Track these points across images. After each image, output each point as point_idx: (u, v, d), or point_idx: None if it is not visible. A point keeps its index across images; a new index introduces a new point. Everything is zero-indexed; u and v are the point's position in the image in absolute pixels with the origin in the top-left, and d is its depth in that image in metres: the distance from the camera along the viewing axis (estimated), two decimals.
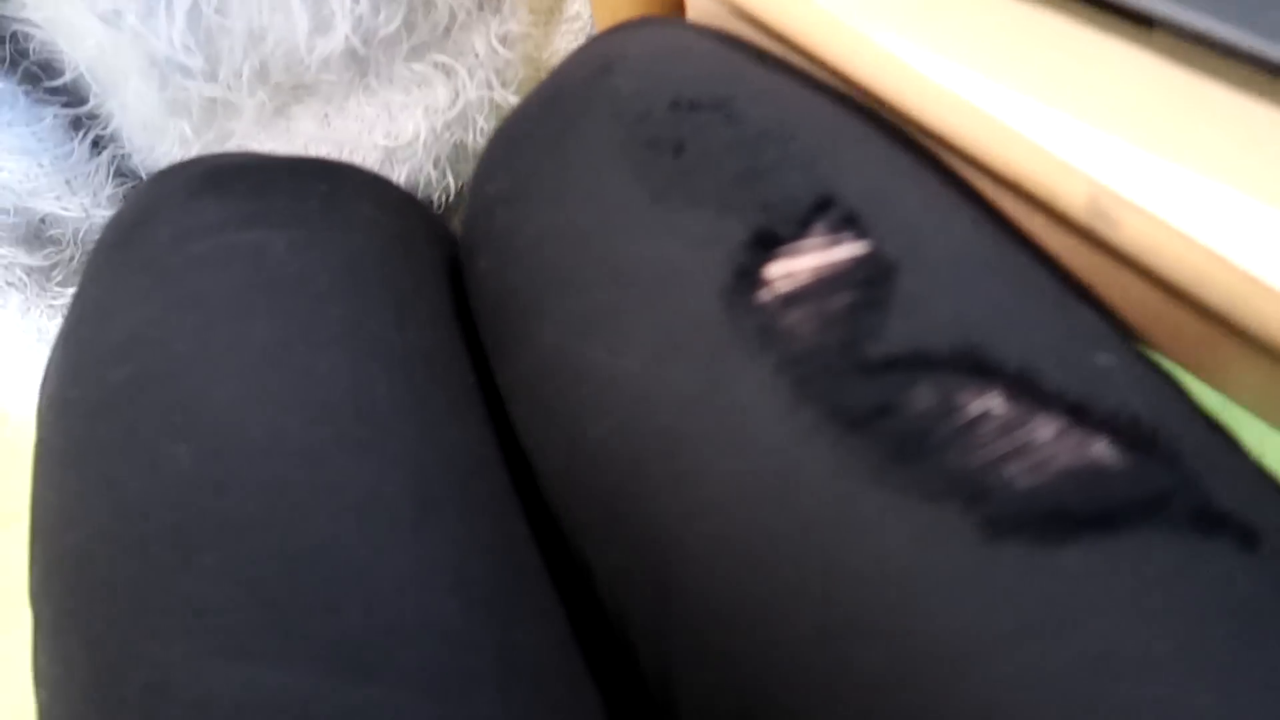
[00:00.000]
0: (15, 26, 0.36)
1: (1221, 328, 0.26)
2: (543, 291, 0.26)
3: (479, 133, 0.42)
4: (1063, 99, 0.23)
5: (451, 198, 0.43)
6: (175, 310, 0.27)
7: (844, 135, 0.24)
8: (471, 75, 0.41)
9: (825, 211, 0.23)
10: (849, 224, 0.23)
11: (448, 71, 0.40)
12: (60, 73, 0.37)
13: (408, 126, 0.41)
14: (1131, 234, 0.22)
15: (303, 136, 0.40)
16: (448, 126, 0.41)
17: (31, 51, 0.37)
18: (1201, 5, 0.20)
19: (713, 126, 0.24)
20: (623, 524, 0.24)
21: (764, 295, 0.22)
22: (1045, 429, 0.21)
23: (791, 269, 0.22)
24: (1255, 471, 0.22)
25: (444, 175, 0.42)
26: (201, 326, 0.27)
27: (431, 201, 0.43)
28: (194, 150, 0.40)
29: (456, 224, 0.42)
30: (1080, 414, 0.21)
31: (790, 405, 0.21)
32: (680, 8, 0.37)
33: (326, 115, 0.40)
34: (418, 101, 0.41)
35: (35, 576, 0.27)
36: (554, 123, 0.27)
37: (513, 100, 0.43)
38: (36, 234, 0.40)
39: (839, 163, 0.24)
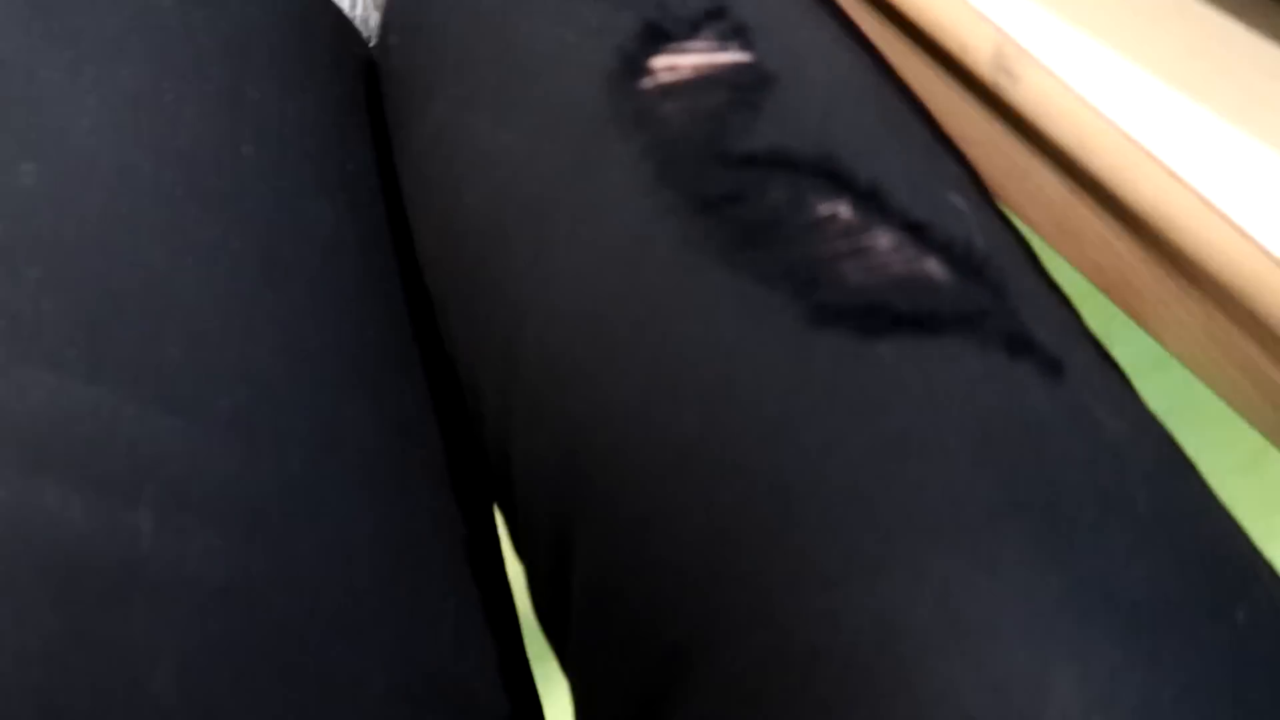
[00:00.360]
0: None
1: (1091, 203, 0.27)
2: (440, 68, 0.26)
3: None
4: None
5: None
6: (49, 41, 0.27)
7: None
8: None
9: (717, 19, 0.24)
10: (737, 34, 0.23)
11: None
12: None
13: None
14: (1028, 91, 0.23)
15: None
16: None
17: None
18: None
19: None
20: (485, 292, 0.24)
21: (645, 83, 0.23)
22: (884, 239, 0.21)
23: (675, 63, 0.23)
24: (1076, 325, 0.23)
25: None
26: (74, 60, 0.27)
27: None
28: None
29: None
30: (919, 232, 0.21)
31: (651, 185, 0.22)
32: None
33: None
34: None
35: None
36: None
37: None
38: None
39: None
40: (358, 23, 0.40)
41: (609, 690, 0.23)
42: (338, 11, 0.33)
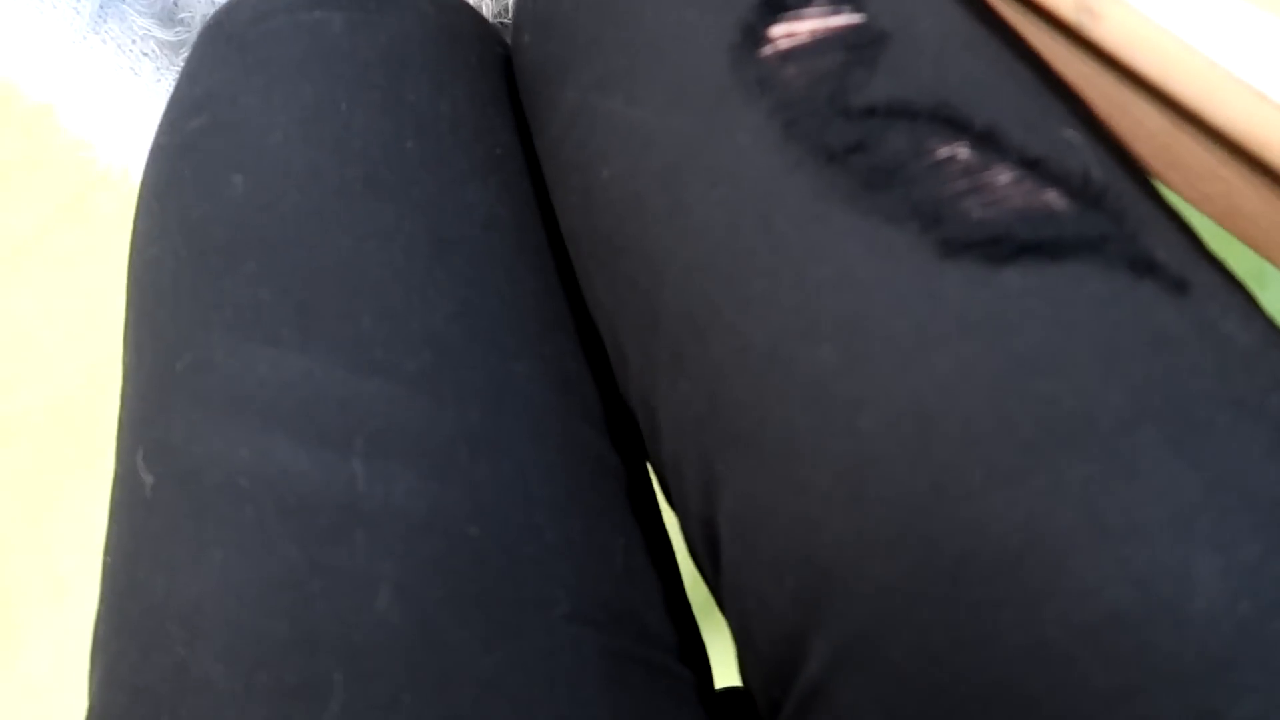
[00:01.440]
0: None
1: (1191, 132, 0.28)
2: (572, 56, 0.29)
3: None
4: None
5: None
6: (245, 72, 0.32)
7: None
8: None
9: None
10: None
11: None
12: None
13: None
14: (1111, 27, 0.25)
15: None
16: None
17: None
18: None
19: None
20: (624, 257, 0.27)
21: (766, 51, 0.25)
22: (1003, 175, 0.23)
23: (793, 30, 0.25)
24: (1198, 246, 0.24)
25: None
26: (264, 85, 0.31)
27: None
28: None
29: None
30: (1037, 167, 0.23)
31: (778, 143, 0.24)
32: None
33: None
34: None
35: (126, 286, 0.32)
36: None
37: None
38: (170, 13, 0.45)
39: None
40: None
41: (762, 621, 0.25)
42: (478, 16, 0.36)
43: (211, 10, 0.44)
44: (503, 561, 0.26)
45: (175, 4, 0.45)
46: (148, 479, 0.27)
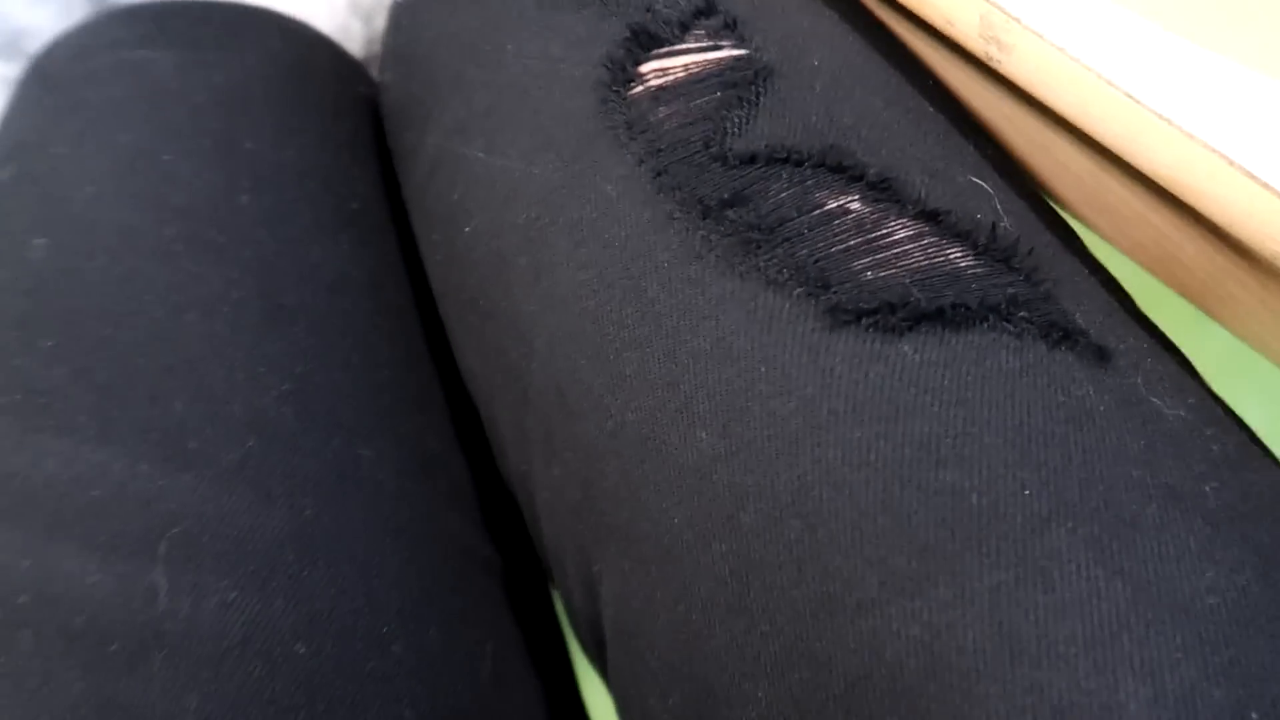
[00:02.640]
0: None
1: (1118, 175, 0.26)
2: (433, 97, 0.26)
3: None
4: None
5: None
6: (57, 117, 0.28)
7: None
8: None
9: (706, 17, 0.23)
10: (728, 29, 0.22)
11: None
12: None
13: None
14: (1022, 60, 0.22)
15: None
16: None
17: None
18: None
19: None
20: (491, 323, 0.24)
21: (636, 89, 0.22)
22: (900, 230, 0.20)
23: (666, 66, 0.22)
24: (1124, 307, 0.22)
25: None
26: (77, 132, 0.28)
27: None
28: None
29: None
30: (939, 220, 0.20)
31: (649, 195, 0.21)
32: None
33: None
34: None
35: None
36: None
37: None
38: (15, 45, 0.41)
39: None
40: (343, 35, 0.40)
41: None
42: (337, 51, 0.33)
43: None
44: (337, 684, 0.22)
45: (19, 33, 0.42)
46: None
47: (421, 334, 0.29)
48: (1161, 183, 0.21)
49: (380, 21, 0.43)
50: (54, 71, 0.29)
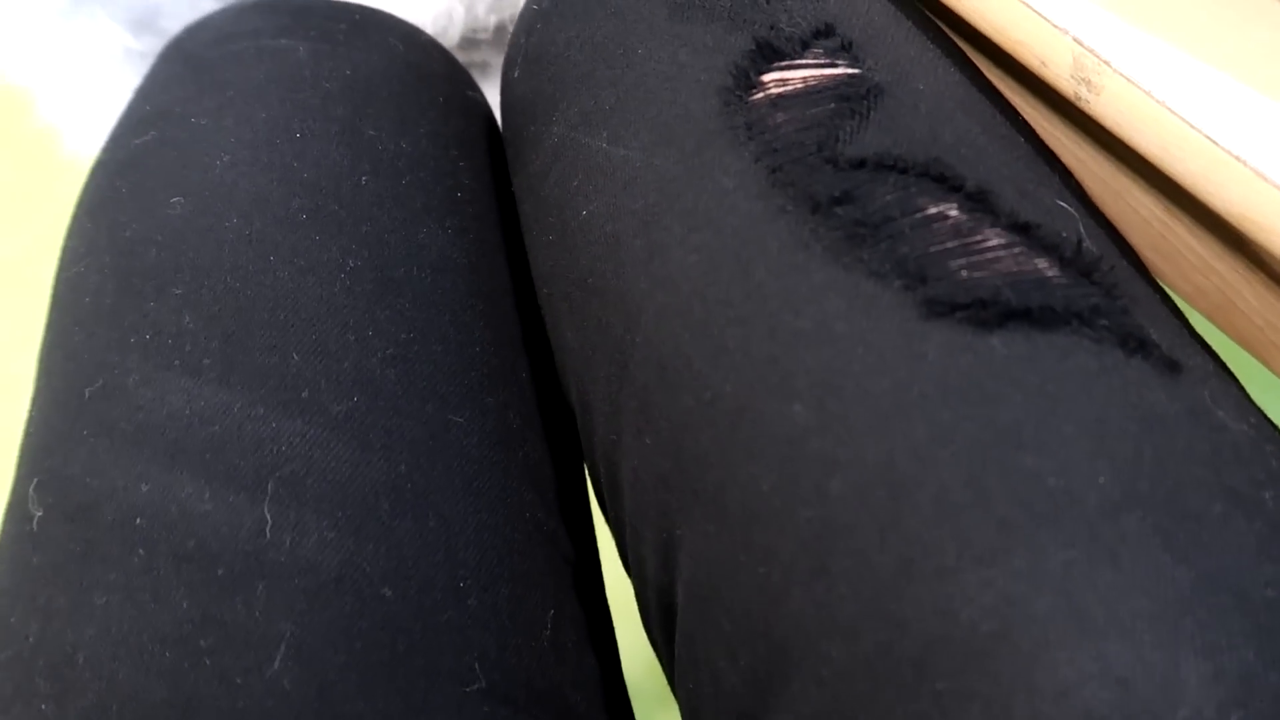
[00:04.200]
0: None
1: (1187, 221, 0.27)
2: (561, 92, 0.28)
3: None
4: None
5: (490, 35, 0.46)
6: (200, 93, 0.30)
7: None
8: None
9: (826, 37, 0.25)
10: (844, 50, 0.24)
11: None
12: None
13: None
14: (1110, 101, 0.24)
15: None
16: None
17: None
18: None
19: None
20: (597, 299, 0.25)
21: (757, 96, 0.24)
22: (994, 238, 0.22)
23: (786, 77, 0.24)
24: (1190, 331, 0.23)
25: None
26: (219, 106, 0.30)
27: (476, 39, 0.46)
28: None
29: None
30: (1029, 232, 0.22)
31: (762, 190, 0.23)
32: None
33: None
34: None
35: (48, 307, 0.30)
36: None
37: None
38: (148, 22, 0.43)
39: (848, 5, 0.26)
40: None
41: (712, 700, 0.23)
42: (449, 57, 0.35)
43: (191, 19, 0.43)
44: (416, 628, 0.24)
45: (155, 12, 0.44)
46: (36, 512, 0.24)
47: (514, 318, 0.31)
48: (1233, 221, 0.23)
49: (480, 9, 0.45)
50: (197, 52, 0.32)
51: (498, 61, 0.49)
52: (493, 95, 0.49)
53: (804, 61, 0.24)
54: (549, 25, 0.29)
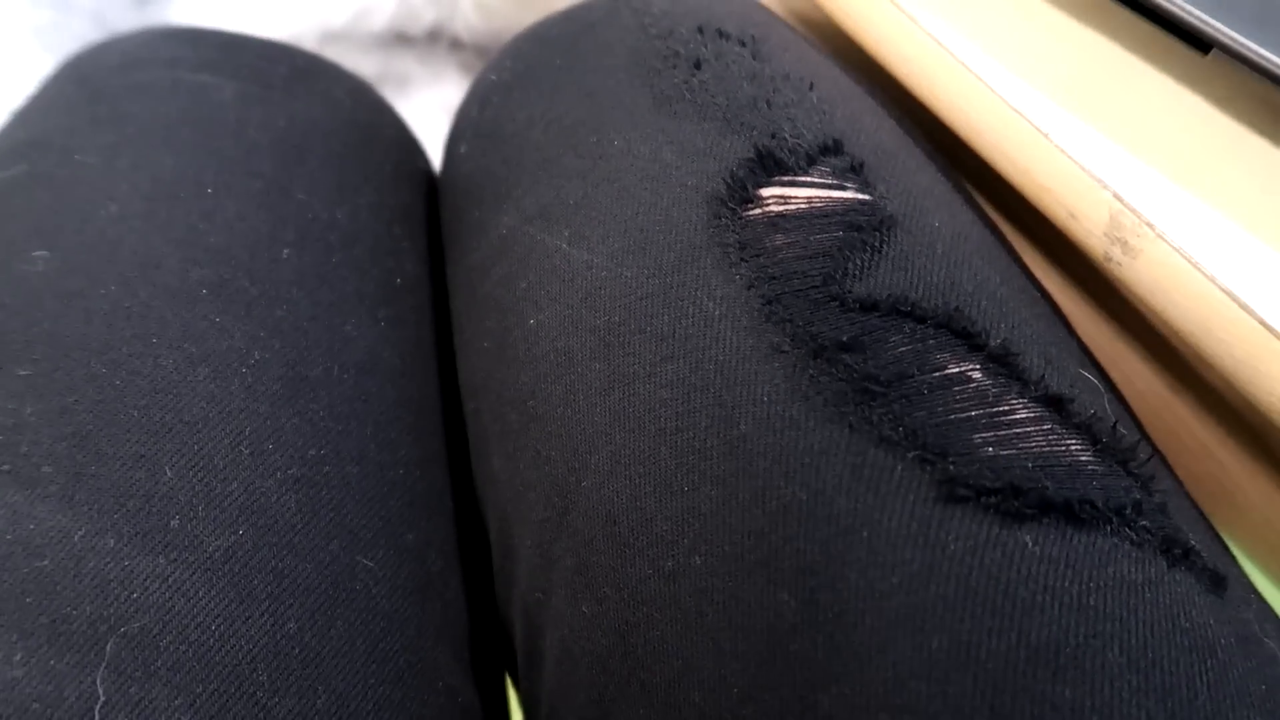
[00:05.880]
0: None
1: (1190, 401, 0.25)
2: (516, 176, 0.24)
3: None
4: (1101, 116, 0.22)
5: (422, 34, 0.41)
6: (93, 124, 0.25)
7: (865, 105, 0.24)
8: None
9: (834, 154, 0.22)
10: (855, 172, 0.21)
11: None
12: None
13: None
14: (1146, 266, 0.21)
15: None
16: None
17: None
18: (1262, 35, 0.20)
19: (737, 55, 0.23)
20: (537, 425, 0.21)
21: (753, 211, 0.21)
22: (1023, 410, 0.18)
23: (788, 194, 0.21)
24: (1213, 531, 0.20)
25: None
26: (114, 143, 0.25)
27: (406, 35, 0.41)
28: None
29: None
30: (1059, 407, 0.19)
31: (754, 321, 0.19)
32: None
33: None
34: None
35: None
36: (574, 24, 0.26)
37: None
38: None
39: (856, 122, 0.23)
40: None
41: None
42: (401, 123, 0.31)
43: (110, 5, 0.38)
44: None
45: None
46: None
47: (442, 434, 0.26)
48: (1276, 417, 0.20)
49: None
50: (96, 76, 0.26)
51: (421, 77, 0.44)
52: (406, 116, 0.45)
53: (809, 179, 0.21)
54: (509, 99, 0.25)
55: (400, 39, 0.42)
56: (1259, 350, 0.20)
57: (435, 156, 0.32)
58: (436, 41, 0.43)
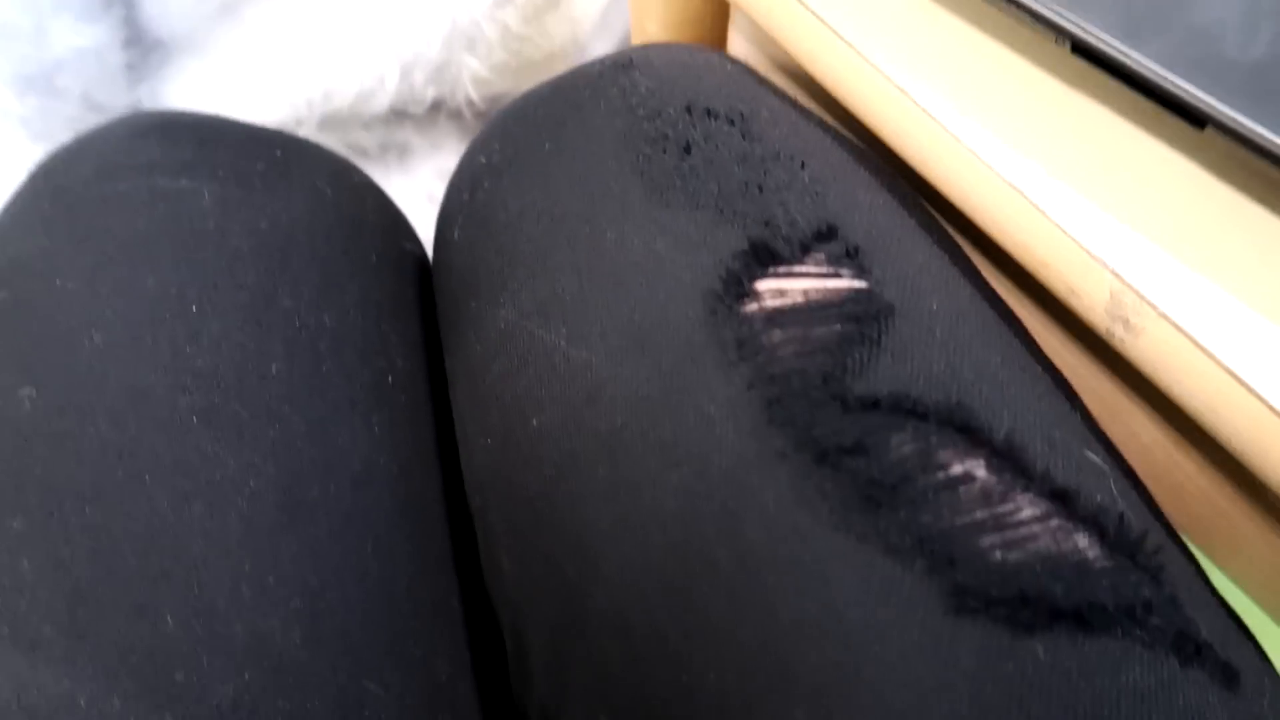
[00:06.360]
0: None
1: (1195, 457, 0.25)
2: (511, 268, 0.23)
3: (477, 12, 0.41)
4: (1099, 191, 0.22)
5: (432, 84, 0.41)
6: (72, 243, 0.25)
7: (858, 178, 0.23)
8: None
9: (828, 240, 0.21)
10: (850, 258, 0.21)
11: None
12: None
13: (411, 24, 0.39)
14: (1149, 345, 0.21)
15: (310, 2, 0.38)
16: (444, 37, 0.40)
17: None
18: (1257, 110, 0.20)
19: (726, 136, 0.23)
20: (547, 529, 0.21)
21: (750, 307, 0.20)
22: (1029, 508, 0.18)
23: (784, 287, 0.21)
24: (1228, 613, 0.20)
25: (431, 48, 0.41)
26: (95, 265, 0.24)
27: (413, 90, 0.41)
28: (210, 6, 0.37)
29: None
30: (1066, 500, 0.19)
31: (757, 425, 0.19)
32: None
33: None
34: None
35: None
36: (561, 105, 0.25)
37: (516, 26, 0.41)
38: (44, 79, 0.37)
39: (849, 200, 0.22)
40: None
41: None
42: (386, 202, 0.30)
43: (95, 79, 0.37)
44: None
45: (55, 67, 0.38)
46: None
47: (446, 531, 0.26)
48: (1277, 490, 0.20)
49: (417, 79, 0.41)
50: (72, 188, 0.26)
51: (421, 147, 0.44)
52: (406, 186, 0.45)
53: (804, 269, 0.21)
54: (499, 185, 0.25)
55: (400, 115, 0.42)
56: (1264, 431, 0.19)
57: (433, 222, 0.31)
58: (437, 111, 0.43)
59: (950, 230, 0.26)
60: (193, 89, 0.39)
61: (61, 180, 0.26)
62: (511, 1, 0.41)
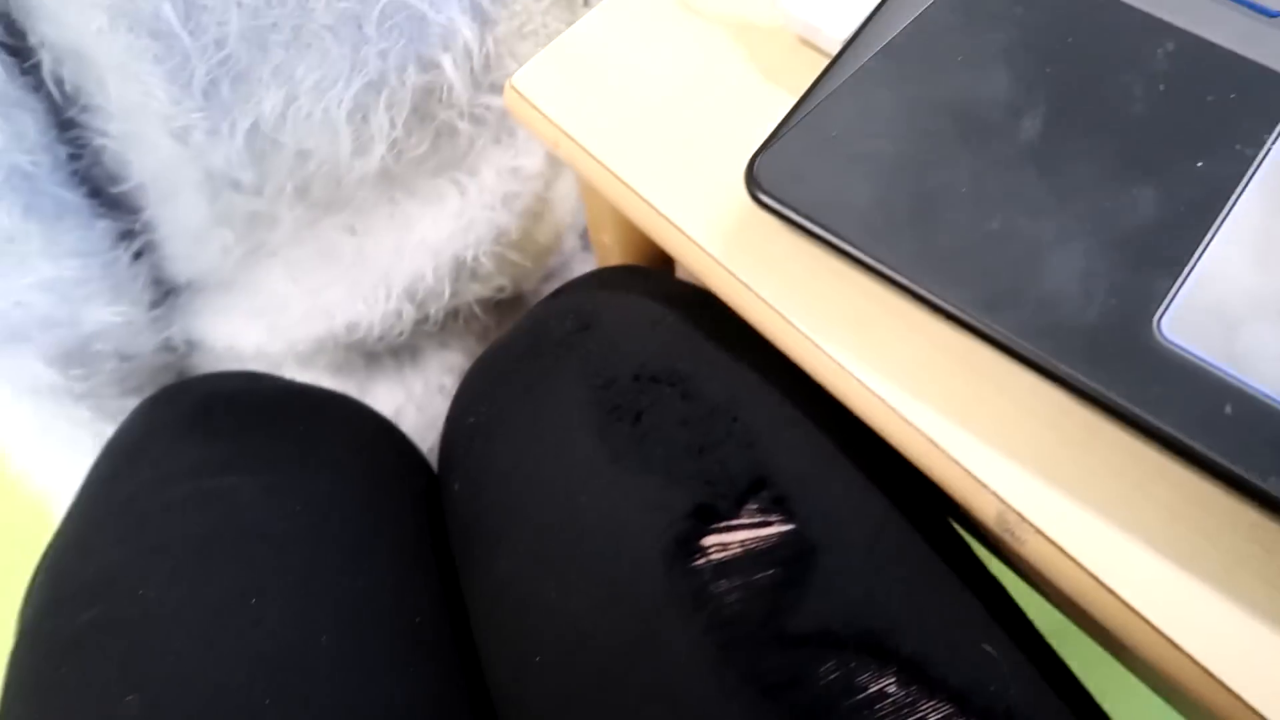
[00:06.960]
0: (97, 139, 0.38)
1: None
2: (506, 523, 0.28)
3: (478, 250, 0.45)
4: (985, 426, 0.26)
5: (443, 308, 0.45)
6: (145, 555, 0.29)
7: (784, 416, 0.28)
8: (480, 193, 0.44)
9: (759, 492, 0.26)
10: (778, 505, 0.26)
11: (461, 189, 0.44)
12: (122, 182, 0.39)
13: (418, 235, 0.44)
14: (1033, 553, 0.25)
15: (328, 243, 0.43)
16: (450, 238, 0.44)
17: (104, 162, 0.39)
18: (1093, 371, 0.23)
19: (669, 401, 0.28)
20: None
21: (699, 561, 0.25)
22: (933, 714, 0.23)
23: (725, 541, 0.25)
24: None
25: (441, 284, 0.45)
26: (169, 573, 0.28)
27: (428, 316, 0.45)
28: (233, 257, 0.42)
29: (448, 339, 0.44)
30: (962, 702, 0.23)
31: (714, 665, 0.24)
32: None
33: (353, 226, 0.43)
34: (430, 214, 0.44)
35: None
36: (531, 371, 0.30)
37: (511, 222, 0.46)
38: (80, 350, 0.41)
39: (777, 443, 0.27)
40: None
41: None
42: (402, 442, 0.35)
43: (128, 340, 0.41)
44: None
45: (88, 337, 0.42)
46: None
47: None
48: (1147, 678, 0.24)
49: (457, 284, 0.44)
50: (139, 495, 0.30)
51: (430, 347, 0.49)
52: (418, 381, 0.49)
53: (740, 521, 0.26)
54: (488, 444, 0.30)
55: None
56: (1126, 623, 0.23)
57: (443, 410, 0.35)
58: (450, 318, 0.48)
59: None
60: (219, 325, 0.44)
61: (126, 487, 0.31)
62: (507, 234, 0.45)
